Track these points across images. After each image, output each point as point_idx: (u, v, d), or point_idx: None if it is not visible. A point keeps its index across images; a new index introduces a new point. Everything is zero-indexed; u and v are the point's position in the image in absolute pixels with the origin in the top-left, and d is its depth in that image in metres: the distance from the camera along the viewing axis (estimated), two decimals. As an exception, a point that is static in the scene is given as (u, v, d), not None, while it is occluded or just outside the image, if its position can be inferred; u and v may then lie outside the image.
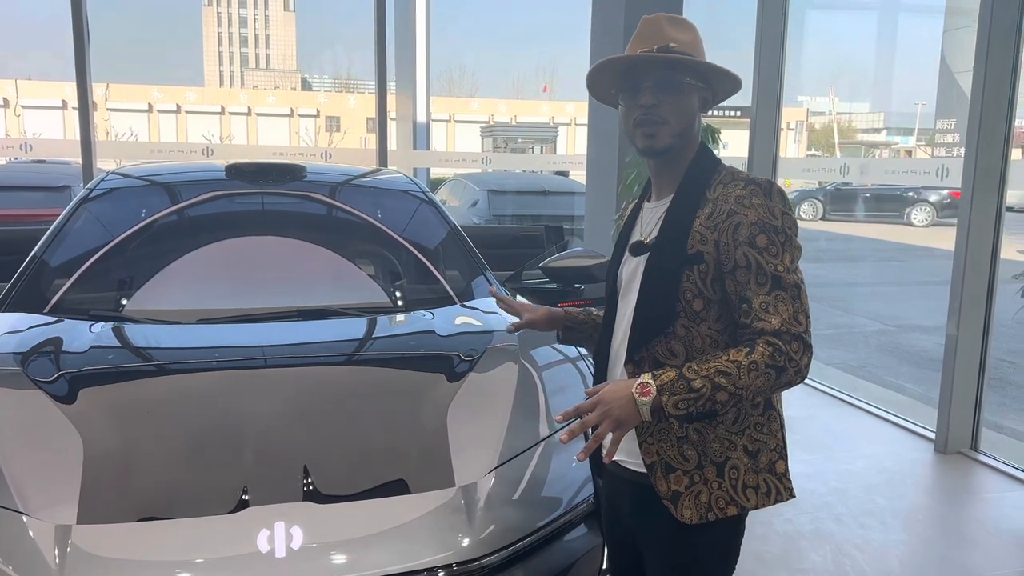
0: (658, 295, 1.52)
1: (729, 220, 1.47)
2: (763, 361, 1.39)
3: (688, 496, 1.49)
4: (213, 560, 1.63)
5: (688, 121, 1.56)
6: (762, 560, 3.10)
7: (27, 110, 40.24)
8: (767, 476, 1.52)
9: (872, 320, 8.64)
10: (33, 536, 1.61)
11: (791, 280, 1.44)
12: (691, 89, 1.54)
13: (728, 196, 1.49)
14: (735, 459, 1.50)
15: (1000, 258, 4.12)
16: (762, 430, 1.52)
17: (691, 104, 1.55)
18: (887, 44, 66.68)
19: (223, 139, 37.68)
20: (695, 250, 1.48)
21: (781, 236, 1.45)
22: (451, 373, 2.23)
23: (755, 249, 1.44)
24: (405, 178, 3.57)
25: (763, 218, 1.45)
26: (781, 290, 1.43)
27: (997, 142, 3.99)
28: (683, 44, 1.54)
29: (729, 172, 1.55)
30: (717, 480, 1.50)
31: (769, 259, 1.44)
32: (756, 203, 1.46)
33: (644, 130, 1.54)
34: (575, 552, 1.84)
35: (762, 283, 1.44)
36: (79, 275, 2.69)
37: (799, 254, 1.48)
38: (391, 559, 1.65)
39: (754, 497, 1.51)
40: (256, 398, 2.05)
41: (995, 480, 3.96)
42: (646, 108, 1.53)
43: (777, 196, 1.48)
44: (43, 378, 2.04)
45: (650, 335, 1.52)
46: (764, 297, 1.43)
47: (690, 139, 1.58)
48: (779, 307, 1.42)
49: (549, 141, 23.62)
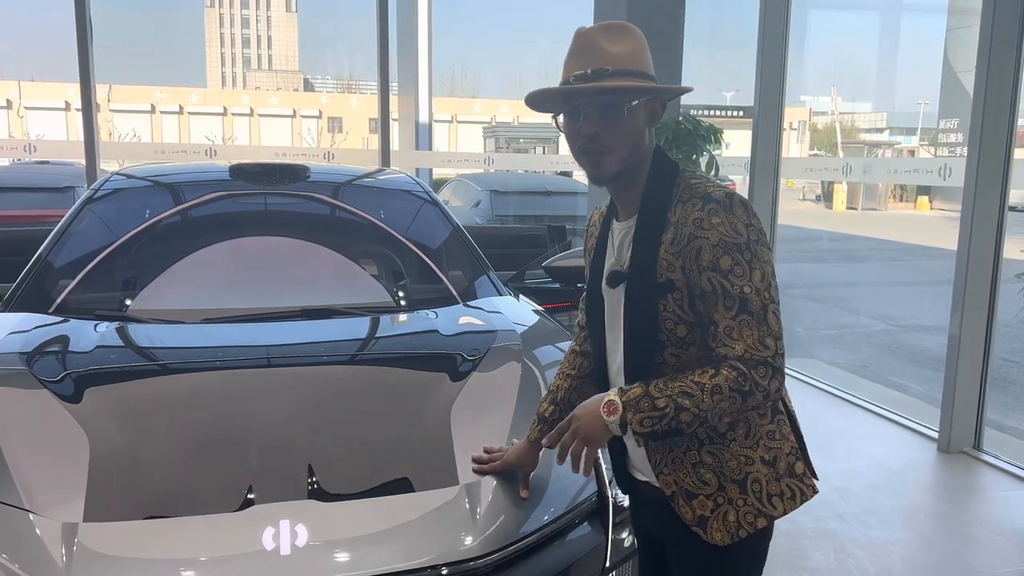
0: (641, 328, 1.48)
1: (691, 244, 1.41)
2: (727, 385, 1.36)
3: (716, 519, 1.46)
4: (218, 558, 1.63)
5: (635, 142, 1.48)
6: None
7: (30, 111, 40.35)
8: (789, 480, 1.49)
9: (875, 320, 8.64)
10: (39, 534, 1.62)
11: (758, 302, 1.38)
12: (633, 109, 1.45)
13: (687, 218, 1.42)
14: (755, 472, 1.47)
15: (1003, 257, 4.12)
16: (775, 437, 1.49)
17: (635, 125, 1.47)
18: (890, 44, 66.41)
19: (226, 140, 37.75)
20: (665, 278, 1.43)
21: (747, 253, 1.38)
22: (454, 372, 2.23)
23: (719, 273, 1.38)
24: (408, 178, 3.58)
25: (725, 237, 1.38)
26: (747, 314, 1.37)
27: (1000, 141, 4.00)
28: (621, 59, 1.44)
29: (687, 187, 1.46)
30: (742, 497, 1.46)
31: (735, 281, 1.38)
32: (716, 222, 1.39)
33: (589, 159, 1.48)
34: (578, 550, 1.84)
35: (729, 306, 1.38)
36: (84, 275, 2.70)
37: (770, 267, 1.41)
38: (395, 557, 1.66)
39: (780, 504, 1.48)
40: (261, 397, 2.05)
41: (998, 479, 3.96)
42: (587, 138, 1.46)
43: (739, 209, 1.40)
44: (49, 377, 2.05)
45: (642, 369, 1.48)
46: (729, 322, 1.38)
47: (642, 156, 1.50)
48: (743, 332, 1.37)
49: (551, 141, 23.60)
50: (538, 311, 2.85)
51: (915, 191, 27.28)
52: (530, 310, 2.84)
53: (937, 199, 26.46)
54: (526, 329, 2.58)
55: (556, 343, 2.52)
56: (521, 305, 2.88)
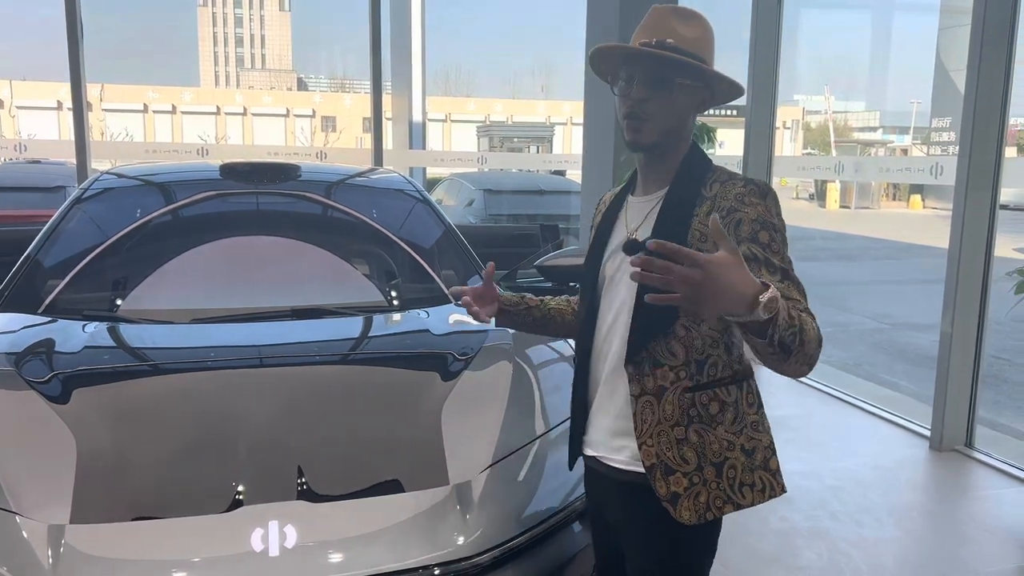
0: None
1: (730, 216, 1.45)
2: (813, 331, 1.33)
3: (687, 498, 1.49)
4: (207, 559, 1.62)
5: (678, 120, 1.53)
6: (758, 557, 3.11)
7: (22, 111, 40.18)
8: (762, 473, 1.53)
9: (867, 318, 8.66)
10: (26, 536, 1.61)
11: (794, 276, 1.43)
12: (683, 88, 1.51)
13: (728, 194, 1.47)
14: (733, 459, 1.50)
15: (994, 255, 4.14)
16: (758, 428, 1.54)
17: (682, 103, 1.53)
18: (882, 43, 66.55)
19: (219, 139, 37.63)
20: (695, 247, 1.44)
21: (778, 235, 1.45)
22: (445, 372, 2.23)
23: (759, 245, 1.42)
24: (400, 177, 3.57)
25: (763, 215, 1.45)
26: (789, 280, 1.41)
27: (991, 140, 4.00)
28: (685, 41, 1.50)
29: (724, 171, 1.53)
30: (716, 480, 1.49)
31: (772, 255, 1.42)
32: (755, 201, 1.45)
33: (631, 123, 1.53)
34: (569, 550, 1.84)
35: (773, 272, 1.41)
36: (73, 275, 2.68)
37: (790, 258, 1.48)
38: (385, 558, 1.65)
39: (750, 495, 1.51)
40: (250, 397, 2.04)
41: (990, 477, 3.97)
42: (635, 102, 1.51)
43: (772, 199, 1.48)
44: (36, 378, 2.04)
45: (650, 336, 1.49)
46: (779, 284, 1.38)
47: (680, 137, 1.55)
48: (792, 294, 1.39)
49: (545, 140, 23.61)
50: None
51: (908, 190, 27.37)
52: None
53: (930, 197, 26.55)
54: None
55: (548, 342, 2.51)
56: (513, 304, 2.86)
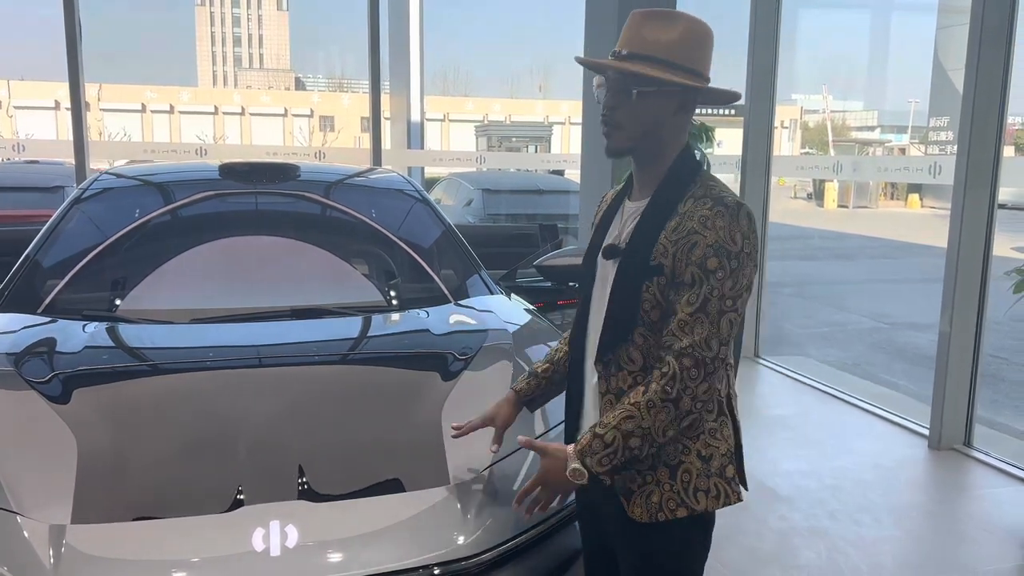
0: (623, 302, 1.53)
1: (688, 238, 1.46)
2: (657, 397, 1.44)
3: (640, 495, 1.53)
4: (208, 559, 1.62)
5: (650, 126, 1.53)
6: (756, 557, 3.11)
7: (19, 111, 40.12)
8: (717, 480, 1.54)
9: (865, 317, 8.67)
10: (27, 536, 1.61)
11: (718, 307, 1.44)
12: (645, 96, 1.50)
13: (694, 214, 1.48)
14: (688, 463, 1.52)
15: (993, 254, 4.14)
16: (715, 435, 1.54)
17: (648, 111, 1.52)
18: (880, 42, 66.66)
19: (217, 139, 37.58)
20: (656, 262, 1.49)
21: (734, 262, 1.44)
22: (446, 372, 2.23)
23: (702, 270, 1.44)
24: (399, 177, 3.57)
25: (721, 240, 1.44)
26: (704, 313, 1.44)
27: (989, 139, 4.01)
28: (655, 46, 1.49)
29: (704, 186, 1.52)
30: (669, 482, 1.52)
31: (711, 282, 1.44)
32: (719, 225, 1.45)
33: (603, 130, 1.57)
34: (569, 549, 1.84)
35: (692, 302, 1.45)
36: (72, 275, 2.68)
37: (747, 282, 1.46)
38: (386, 557, 1.65)
39: (704, 500, 1.53)
40: (250, 397, 2.04)
41: (988, 476, 3.98)
42: (606, 110, 1.55)
43: (744, 219, 1.46)
44: (37, 378, 2.04)
45: (615, 341, 1.55)
46: (686, 316, 1.45)
47: (660, 143, 1.55)
48: (695, 328, 1.44)
49: (543, 140, 23.57)
50: (530, 310, 2.85)
51: (906, 189, 27.38)
52: (522, 309, 2.84)
53: (928, 197, 26.56)
54: (518, 328, 2.57)
55: (548, 342, 2.51)
56: (513, 304, 2.87)
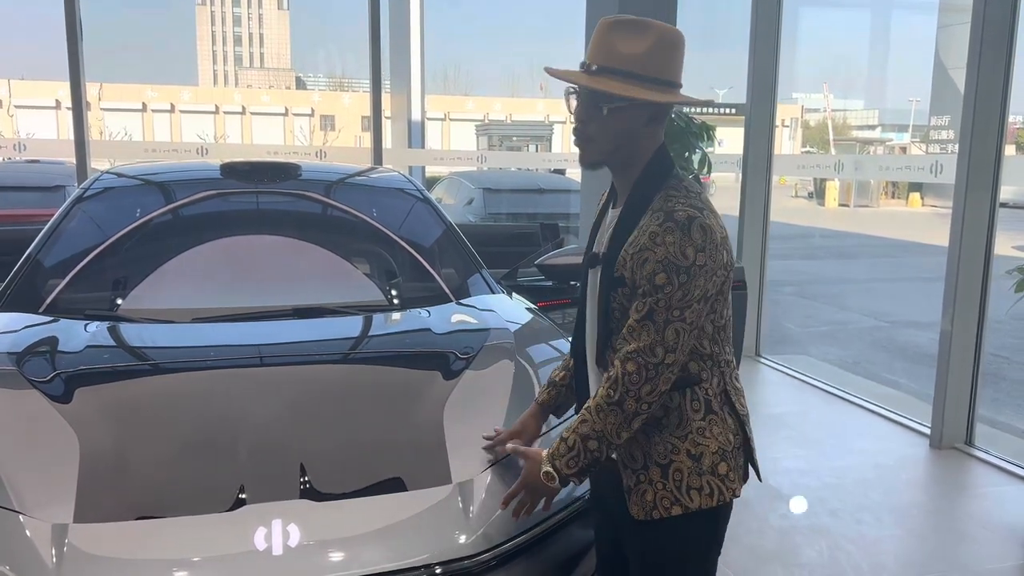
0: (601, 310, 1.59)
1: (640, 254, 1.50)
2: (603, 401, 1.50)
3: (635, 493, 1.56)
4: (210, 558, 1.63)
5: (622, 140, 1.54)
6: (757, 555, 3.11)
7: (20, 110, 40.13)
8: (710, 478, 1.55)
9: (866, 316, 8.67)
10: (30, 535, 1.61)
11: (664, 316, 1.47)
12: (616, 112, 1.50)
13: (647, 229, 1.50)
14: (679, 462, 1.54)
15: (994, 253, 4.14)
16: (704, 434, 1.55)
17: (618, 125, 1.52)
18: (881, 41, 66.65)
19: (217, 138, 37.59)
20: (619, 273, 1.54)
21: (683, 276, 1.46)
22: (447, 371, 2.23)
23: (651, 284, 1.48)
24: (400, 176, 3.57)
25: (670, 256, 1.46)
26: (650, 321, 1.48)
27: (990, 138, 4.01)
28: (626, 59, 1.48)
29: (664, 196, 1.52)
30: (661, 481, 1.54)
31: (659, 294, 1.47)
32: (668, 241, 1.46)
33: (576, 142, 1.57)
34: (572, 548, 1.84)
35: (640, 309, 1.49)
36: (74, 275, 2.68)
37: (699, 293, 1.47)
38: (388, 556, 1.66)
39: (698, 498, 1.54)
40: (252, 397, 2.05)
41: (990, 475, 3.97)
42: (578, 124, 1.55)
43: (696, 233, 1.46)
44: (39, 378, 2.04)
45: (603, 346, 1.60)
46: (633, 323, 1.50)
47: (632, 153, 1.56)
48: (641, 335, 1.48)
49: (544, 139, 23.55)
50: (531, 309, 2.85)
51: (907, 188, 27.35)
52: (523, 308, 2.83)
53: (929, 196, 26.53)
54: (519, 327, 2.57)
55: (549, 341, 2.51)
56: (514, 303, 2.87)
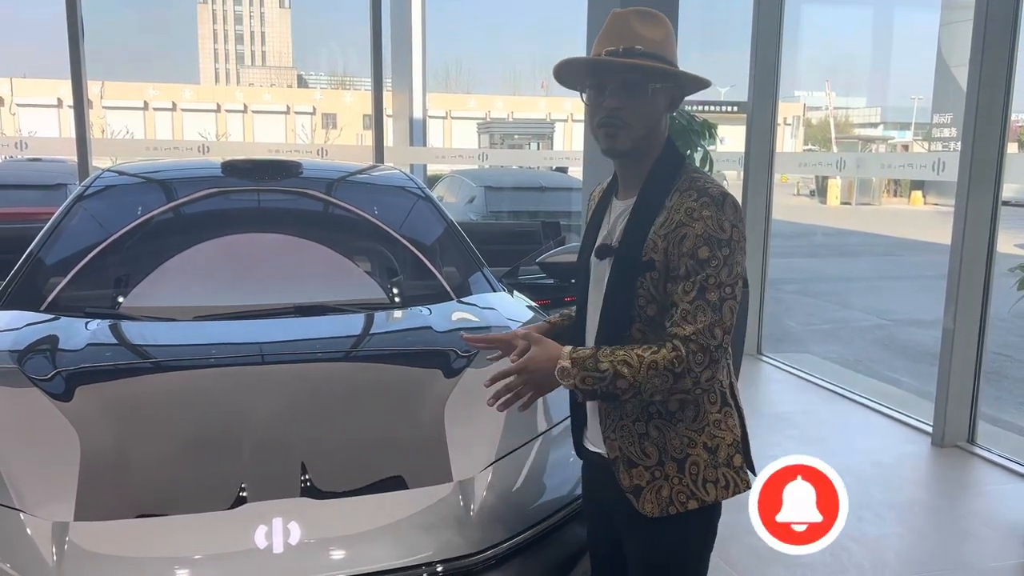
0: (618, 300, 1.57)
1: (677, 231, 1.49)
2: (663, 363, 1.44)
3: (650, 491, 1.55)
4: (211, 556, 1.63)
5: (652, 124, 1.56)
6: (759, 553, 3.11)
7: (22, 108, 40.13)
8: (726, 470, 1.56)
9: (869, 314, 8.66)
10: (30, 533, 1.61)
11: (717, 294, 1.46)
12: (657, 92, 1.53)
13: (680, 207, 1.50)
14: (695, 456, 1.54)
15: (997, 252, 4.13)
16: (720, 426, 1.56)
17: (656, 107, 1.55)
18: (884, 39, 66.56)
19: (219, 137, 37.60)
20: (648, 257, 1.52)
21: (724, 250, 1.47)
22: (448, 369, 2.23)
23: (695, 260, 1.47)
24: (401, 174, 3.57)
25: (709, 230, 1.47)
26: (704, 301, 1.46)
27: (993, 136, 4.00)
28: (652, 43, 1.51)
29: (688, 179, 1.54)
30: (678, 476, 1.54)
31: (706, 270, 1.46)
32: (706, 215, 1.47)
33: (607, 131, 1.55)
34: (572, 546, 1.84)
35: (688, 291, 1.47)
36: (75, 273, 2.68)
37: (740, 268, 1.49)
38: (389, 554, 1.66)
39: (714, 491, 1.55)
40: (253, 395, 2.05)
41: (992, 473, 3.97)
42: (609, 110, 1.53)
43: (729, 208, 1.48)
44: (40, 376, 2.04)
45: (612, 338, 1.56)
46: (687, 305, 1.47)
47: (655, 140, 1.58)
48: (697, 316, 1.46)
49: (546, 137, 23.53)
50: (532, 307, 2.85)
51: (909, 186, 27.29)
52: (524, 306, 2.83)
53: (931, 194, 26.48)
54: (520, 325, 2.57)
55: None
56: (515, 301, 2.87)
